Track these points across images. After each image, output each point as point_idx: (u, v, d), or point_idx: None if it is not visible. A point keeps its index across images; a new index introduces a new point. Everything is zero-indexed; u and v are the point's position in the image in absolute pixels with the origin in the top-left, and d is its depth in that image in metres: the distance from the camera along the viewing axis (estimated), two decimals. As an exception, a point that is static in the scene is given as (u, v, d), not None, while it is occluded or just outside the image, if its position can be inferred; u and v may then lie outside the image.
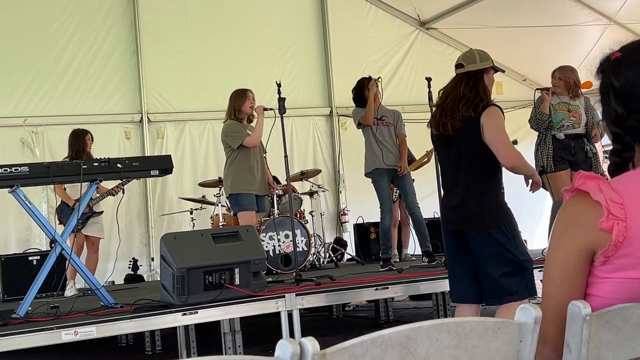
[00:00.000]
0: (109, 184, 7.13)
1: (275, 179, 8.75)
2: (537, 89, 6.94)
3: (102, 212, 7.64)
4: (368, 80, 7.11)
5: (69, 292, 7.18)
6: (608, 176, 1.72)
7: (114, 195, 7.39)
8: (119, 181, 6.64)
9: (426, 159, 8.51)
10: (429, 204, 7.79)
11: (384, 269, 6.61)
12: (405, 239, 8.59)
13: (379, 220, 7.95)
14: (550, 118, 6.70)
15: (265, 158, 7.06)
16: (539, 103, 6.77)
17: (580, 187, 1.61)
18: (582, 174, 1.63)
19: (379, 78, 7.10)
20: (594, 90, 7.51)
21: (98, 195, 7.36)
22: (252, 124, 6.91)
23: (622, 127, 1.67)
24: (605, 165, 6.54)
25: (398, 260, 7.86)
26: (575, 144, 6.75)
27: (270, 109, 6.56)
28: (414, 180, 8.57)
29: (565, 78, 6.79)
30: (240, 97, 6.75)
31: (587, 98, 6.87)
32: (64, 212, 7.48)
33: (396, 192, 7.94)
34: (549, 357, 1.61)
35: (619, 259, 1.56)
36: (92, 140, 7.71)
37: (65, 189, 7.49)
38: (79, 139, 7.54)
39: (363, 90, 7.06)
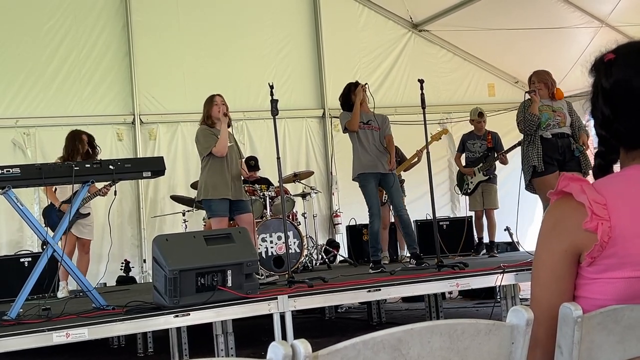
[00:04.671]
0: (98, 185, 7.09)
1: (267, 180, 8.75)
2: (526, 92, 7.03)
3: (89, 214, 7.59)
4: (355, 85, 7.12)
5: (62, 293, 7.16)
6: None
7: (103, 195, 7.34)
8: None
9: (416, 159, 8.52)
10: (422, 205, 7.80)
11: (374, 272, 6.60)
12: (400, 239, 8.58)
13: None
14: (539, 119, 6.78)
15: (241, 163, 6.98)
16: (526, 106, 6.86)
17: (564, 189, 1.63)
18: (565, 175, 1.65)
19: (366, 84, 7.09)
20: (577, 95, 7.57)
21: (88, 194, 7.33)
22: (229, 128, 6.86)
23: (608, 130, 1.69)
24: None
25: (387, 262, 7.83)
26: (562, 143, 6.85)
27: (226, 114, 6.58)
28: (404, 180, 8.59)
29: (544, 80, 6.94)
30: (208, 103, 6.77)
31: (568, 102, 7.05)
32: (50, 214, 7.44)
33: (385, 195, 7.92)
34: None
35: (605, 259, 1.57)
36: (90, 140, 7.60)
37: (55, 190, 7.46)
38: (74, 141, 7.46)
39: (349, 95, 7.07)
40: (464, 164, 8.57)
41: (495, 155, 8.33)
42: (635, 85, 1.63)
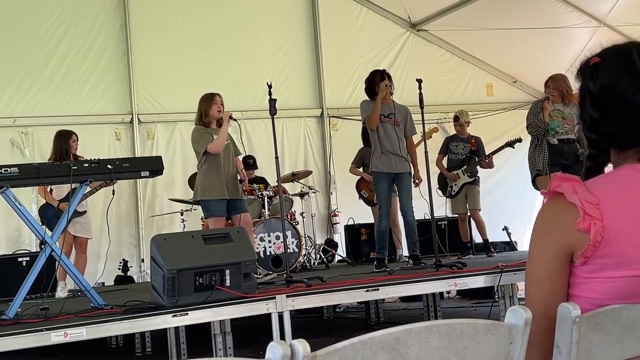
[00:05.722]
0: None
1: (264, 180, 8.75)
2: (542, 98, 7.24)
3: (85, 212, 7.58)
4: (381, 74, 6.97)
5: (61, 293, 7.16)
6: None
7: (107, 185, 7.29)
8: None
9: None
10: (420, 205, 7.78)
11: (378, 270, 6.59)
12: (397, 239, 8.58)
13: (369, 221, 7.91)
14: (547, 126, 7.04)
15: (239, 160, 6.97)
16: (537, 110, 7.09)
17: (556, 189, 1.63)
18: (558, 175, 1.65)
19: (390, 85, 6.92)
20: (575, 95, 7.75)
21: (89, 189, 7.35)
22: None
23: (597, 133, 1.70)
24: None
25: (387, 261, 7.83)
26: (568, 148, 7.12)
27: (235, 120, 6.58)
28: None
29: (559, 87, 7.17)
30: (207, 101, 6.69)
31: None
32: (46, 212, 7.44)
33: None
34: None
35: (599, 259, 1.57)
36: (77, 141, 7.64)
37: (52, 190, 7.46)
38: (63, 141, 7.46)
39: (373, 83, 6.96)
40: (446, 166, 8.54)
41: (477, 159, 8.30)
42: (621, 87, 1.64)
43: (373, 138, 6.98)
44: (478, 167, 8.33)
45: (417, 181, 7.02)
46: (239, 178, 6.73)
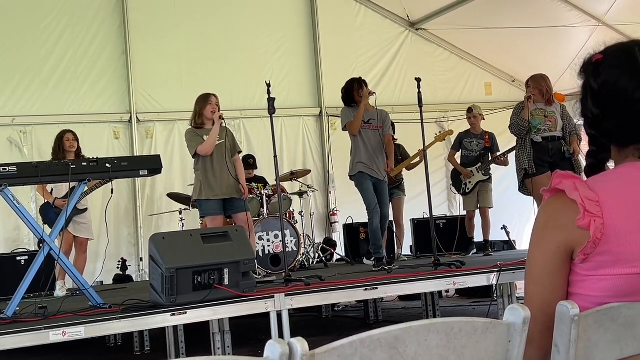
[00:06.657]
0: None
1: (263, 179, 8.74)
2: (525, 97, 7.28)
3: (86, 209, 7.56)
4: (358, 82, 7.02)
5: (60, 292, 7.16)
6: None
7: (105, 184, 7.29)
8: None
9: (418, 159, 8.48)
10: (419, 204, 7.79)
11: (376, 269, 6.59)
12: (398, 239, 8.58)
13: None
14: (529, 123, 7.05)
15: (239, 159, 6.94)
16: (518, 111, 7.21)
17: (557, 187, 1.64)
18: (559, 173, 1.66)
19: (374, 93, 6.95)
20: (574, 94, 7.84)
21: (87, 189, 7.33)
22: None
23: (597, 129, 1.71)
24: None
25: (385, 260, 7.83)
26: (553, 146, 7.14)
27: (222, 119, 6.55)
28: (402, 179, 8.61)
29: (539, 86, 7.25)
30: (202, 101, 6.69)
31: (563, 106, 7.31)
32: (46, 211, 7.43)
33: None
34: (534, 359, 1.62)
35: (599, 256, 1.58)
36: (77, 138, 7.59)
37: (52, 190, 7.45)
38: (57, 141, 7.47)
39: (352, 92, 7.00)
40: (459, 162, 8.50)
41: (490, 157, 8.29)
42: (622, 85, 1.65)
43: (354, 143, 7.01)
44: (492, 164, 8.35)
45: (387, 169, 7.01)
46: (239, 184, 6.68)
